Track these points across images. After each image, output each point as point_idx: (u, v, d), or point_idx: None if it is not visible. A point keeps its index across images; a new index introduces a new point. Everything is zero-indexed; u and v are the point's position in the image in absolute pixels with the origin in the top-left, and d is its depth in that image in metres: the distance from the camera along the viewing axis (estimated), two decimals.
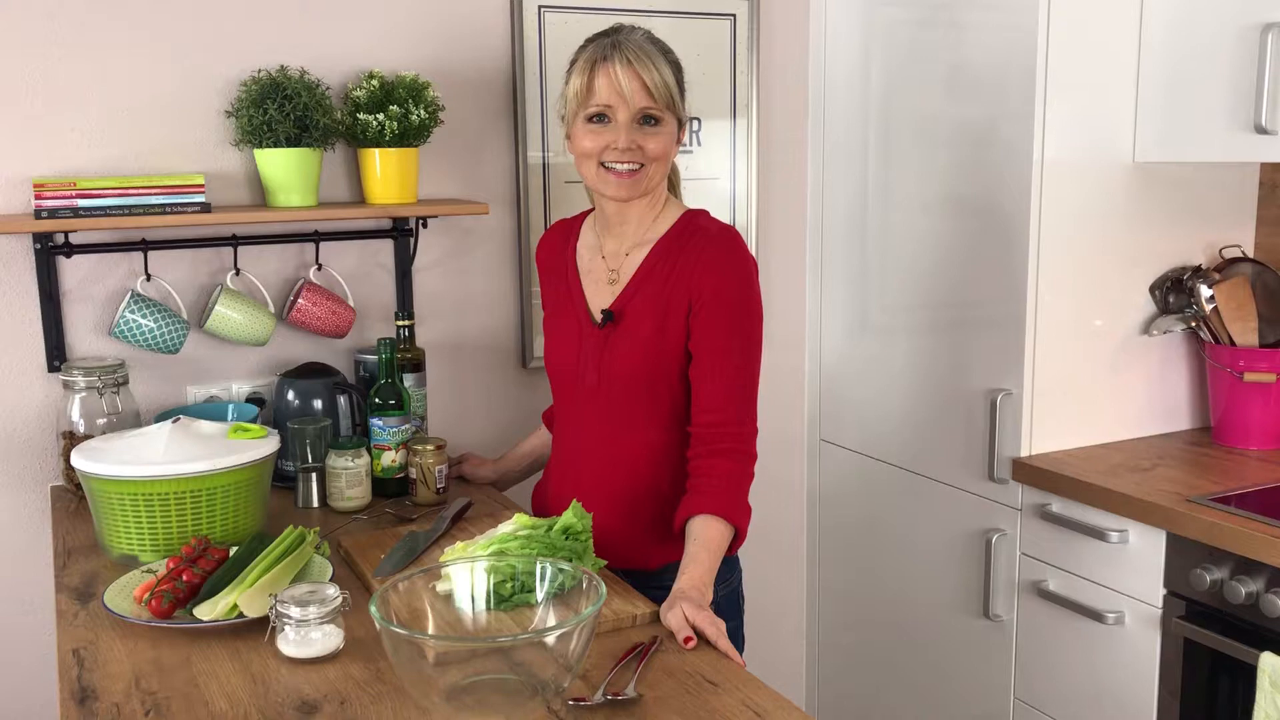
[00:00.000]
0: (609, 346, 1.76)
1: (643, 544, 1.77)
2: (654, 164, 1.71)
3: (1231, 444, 2.29)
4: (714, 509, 1.65)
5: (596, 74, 1.68)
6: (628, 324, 1.75)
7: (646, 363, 1.73)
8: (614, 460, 1.78)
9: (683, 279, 1.71)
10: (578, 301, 1.82)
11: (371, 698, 1.32)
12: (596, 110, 1.69)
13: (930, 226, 2.42)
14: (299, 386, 2.15)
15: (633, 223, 1.78)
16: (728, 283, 1.70)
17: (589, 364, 1.78)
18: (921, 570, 2.53)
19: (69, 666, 1.40)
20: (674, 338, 1.72)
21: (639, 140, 1.69)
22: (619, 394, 1.76)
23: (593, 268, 1.83)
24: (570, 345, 1.81)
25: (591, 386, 1.78)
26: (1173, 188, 2.30)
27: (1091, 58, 2.17)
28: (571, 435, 1.86)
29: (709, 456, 1.69)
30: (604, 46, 1.70)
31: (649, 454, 1.77)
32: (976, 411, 2.33)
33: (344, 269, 2.30)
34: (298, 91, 2.07)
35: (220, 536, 1.73)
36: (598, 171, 1.72)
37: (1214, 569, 1.89)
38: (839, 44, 2.63)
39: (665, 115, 1.70)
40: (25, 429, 2.11)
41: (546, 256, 1.93)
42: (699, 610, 1.49)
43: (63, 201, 1.95)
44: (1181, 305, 2.30)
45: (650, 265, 1.75)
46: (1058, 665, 2.20)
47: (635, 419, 1.76)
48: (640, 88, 1.67)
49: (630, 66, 1.67)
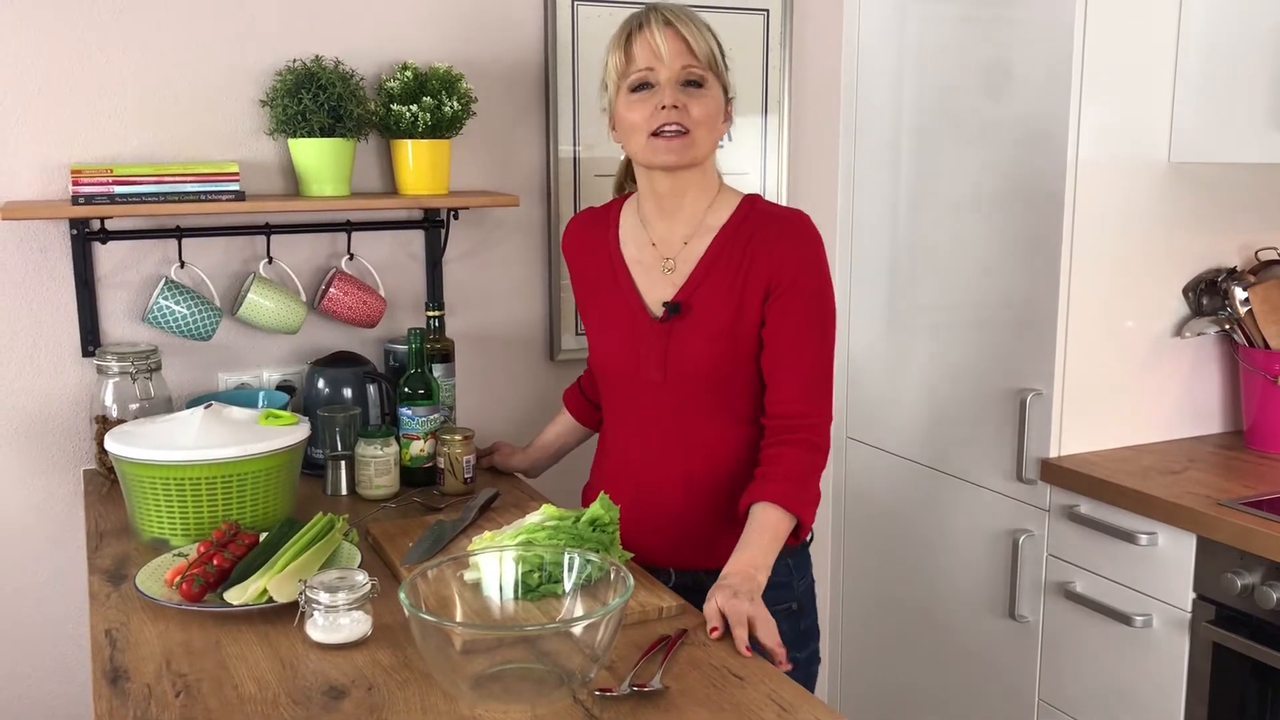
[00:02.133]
0: (674, 339, 1.69)
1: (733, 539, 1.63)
2: (700, 128, 1.63)
3: (1264, 448, 2.26)
4: (774, 496, 1.60)
5: (634, 41, 1.63)
6: (696, 315, 1.68)
7: (718, 355, 1.67)
8: (689, 457, 1.72)
9: (759, 263, 1.65)
10: (627, 293, 1.74)
11: (398, 684, 1.32)
12: (638, 78, 1.63)
13: (962, 225, 2.41)
14: (329, 375, 2.16)
15: (687, 205, 1.71)
16: (807, 267, 1.65)
17: (650, 359, 1.71)
18: (948, 570, 2.52)
19: (101, 647, 1.42)
20: (750, 326, 1.66)
21: (683, 101, 1.62)
22: (690, 388, 1.69)
23: (642, 257, 1.75)
24: (625, 340, 1.74)
25: (655, 383, 1.71)
26: (1208, 189, 2.27)
27: (1128, 57, 2.15)
28: (632, 433, 1.78)
29: (778, 445, 1.65)
30: (639, 15, 1.64)
31: (726, 447, 1.71)
32: (1006, 411, 2.32)
33: (375, 259, 2.31)
34: (332, 82, 2.09)
35: (250, 522, 1.75)
36: (647, 142, 1.63)
37: (1245, 574, 1.87)
38: (872, 40, 2.62)
39: (709, 77, 1.63)
40: (59, 413, 2.13)
41: (578, 246, 1.86)
42: (732, 598, 1.46)
43: (99, 188, 1.97)
44: (1215, 307, 2.28)
45: (717, 252, 1.69)
46: (1084, 668, 2.19)
47: (710, 412, 1.70)
48: (681, 47, 1.61)
49: (669, 26, 1.61)
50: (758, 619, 1.45)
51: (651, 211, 1.75)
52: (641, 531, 1.73)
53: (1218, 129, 2.13)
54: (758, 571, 1.54)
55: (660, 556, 1.75)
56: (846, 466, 2.83)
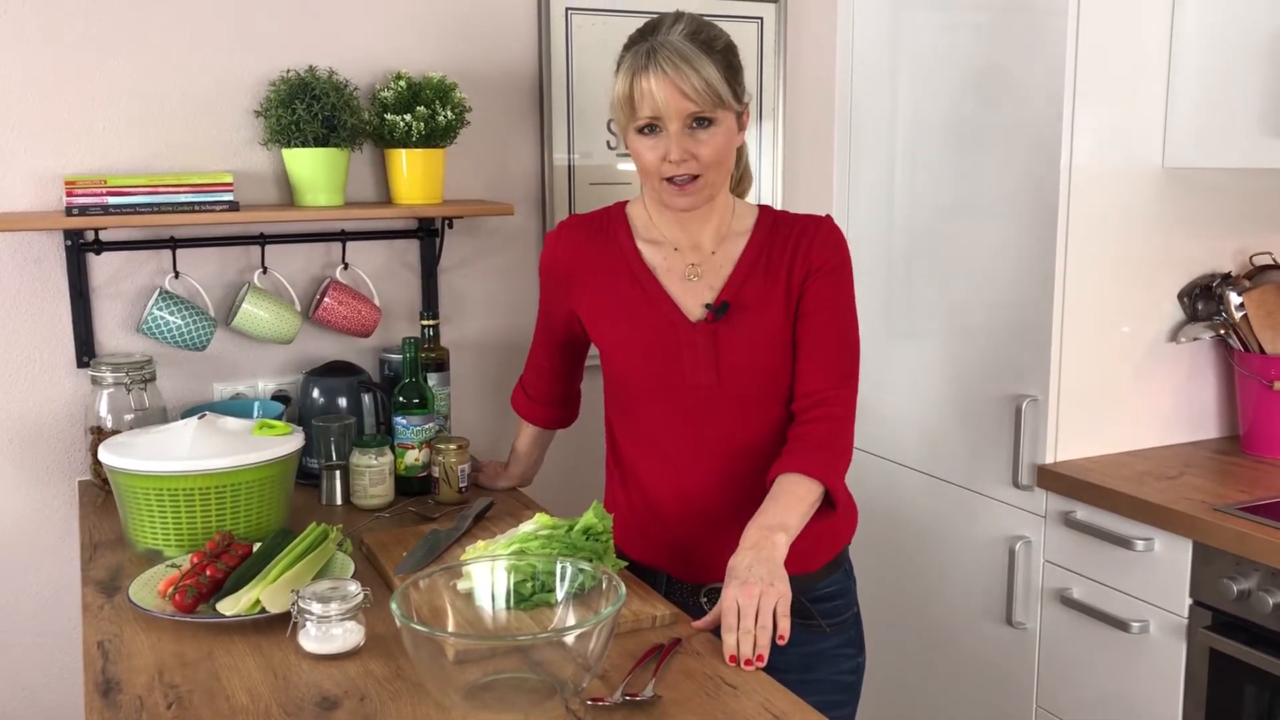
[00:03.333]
0: (721, 340, 1.68)
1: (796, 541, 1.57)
2: (711, 169, 1.62)
3: (1260, 453, 2.26)
4: (796, 466, 1.61)
5: (636, 84, 1.60)
6: (747, 314, 1.69)
7: (774, 351, 1.69)
8: (739, 456, 1.71)
9: (801, 255, 1.69)
10: (658, 300, 1.71)
11: (391, 694, 1.32)
12: (645, 122, 1.62)
13: (957, 231, 2.41)
14: (324, 384, 2.16)
15: (713, 218, 1.72)
16: (839, 256, 1.71)
17: (699, 363, 1.69)
18: (945, 576, 2.52)
19: (94, 658, 1.42)
20: (791, 318, 1.70)
21: (691, 149, 1.60)
22: (743, 387, 1.69)
23: (671, 264, 1.73)
24: (663, 347, 1.70)
25: (707, 385, 1.69)
26: (1202, 194, 2.27)
27: (1121, 62, 2.16)
28: (665, 440, 1.74)
29: (802, 424, 1.67)
30: (641, 55, 1.60)
31: (768, 447, 1.70)
32: (1002, 417, 2.32)
33: (370, 268, 2.31)
34: (326, 92, 2.09)
35: (244, 532, 1.74)
36: (661, 185, 1.64)
37: (1241, 579, 1.87)
38: (866, 47, 2.63)
39: (716, 113, 1.61)
40: (54, 424, 2.13)
41: (578, 257, 1.77)
42: (744, 585, 1.42)
43: (93, 199, 1.97)
44: (1210, 312, 2.28)
45: (756, 252, 1.70)
46: (1081, 674, 2.19)
47: (758, 412, 1.71)
48: (680, 97, 1.58)
49: (666, 77, 1.57)
50: (779, 601, 1.42)
51: (670, 221, 1.74)
52: (692, 535, 1.73)
53: (1211, 134, 2.13)
54: (774, 532, 1.51)
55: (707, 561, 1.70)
56: None
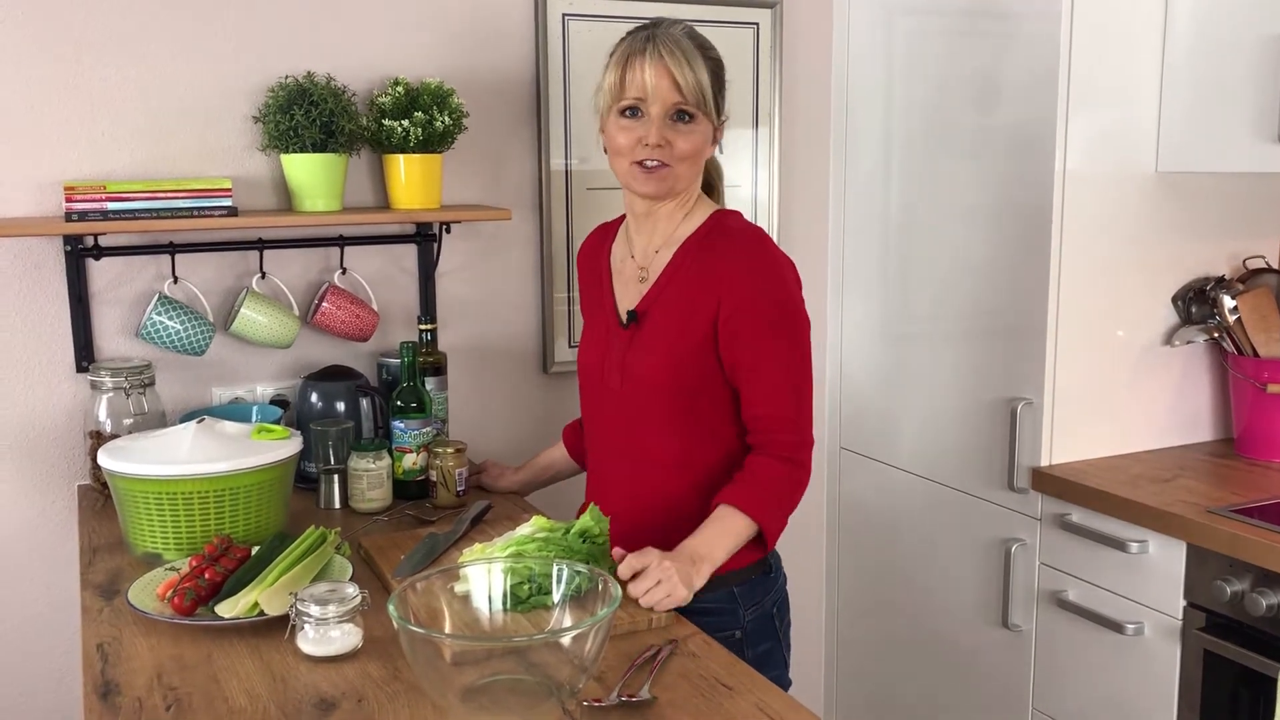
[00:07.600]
0: (633, 347, 1.72)
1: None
2: (682, 164, 1.67)
3: (1254, 456, 2.27)
4: (735, 498, 1.63)
5: (629, 68, 1.65)
6: (653, 324, 1.71)
7: (669, 363, 1.68)
8: (637, 464, 1.75)
9: (708, 278, 1.67)
10: (608, 302, 1.80)
11: (388, 696, 1.33)
12: (629, 104, 1.65)
13: (952, 235, 2.42)
14: (322, 389, 2.17)
15: (662, 220, 1.74)
16: (757, 283, 1.65)
17: (613, 365, 1.75)
18: (941, 579, 2.53)
19: (93, 661, 1.42)
20: (699, 339, 1.67)
21: (669, 136, 1.65)
22: (642, 396, 1.71)
23: (624, 268, 1.80)
24: (598, 346, 1.79)
25: (615, 389, 1.75)
26: (1196, 198, 2.29)
27: (1114, 68, 2.17)
28: (598, 439, 1.83)
29: (759, 453, 1.67)
30: (640, 40, 1.66)
31: (680, 469, 1.71)
32: (997, 421, 2.33)
33: (368, 273, 2.32)
34: (324, 97, 2.10)
35: (242, 535, 1.75)
36: (630, 168, 1.68)
37: (1235, 581, 1.88)
38: (861, 53, 2.64)
39: (697, 113, 1.66)
40: (53, 428, 2.14)
41: (585, 259, 1.91)
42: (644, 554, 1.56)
43: (93, 204, 1.98)
44: (1204, 316, 2.29)
45: (677, 264, 1.72)
46: (1076, 676, 2.19)
47: (660, 423, 1.71)
48: (671, 84, 1.63)
49: (662, 61, 1.62)
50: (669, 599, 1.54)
51: (632, 223, 1.80)
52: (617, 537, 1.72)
53: (1205, 138, 2.15)
54: (701, 562, 1.59)
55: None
56: (839, 477, 2.84)
